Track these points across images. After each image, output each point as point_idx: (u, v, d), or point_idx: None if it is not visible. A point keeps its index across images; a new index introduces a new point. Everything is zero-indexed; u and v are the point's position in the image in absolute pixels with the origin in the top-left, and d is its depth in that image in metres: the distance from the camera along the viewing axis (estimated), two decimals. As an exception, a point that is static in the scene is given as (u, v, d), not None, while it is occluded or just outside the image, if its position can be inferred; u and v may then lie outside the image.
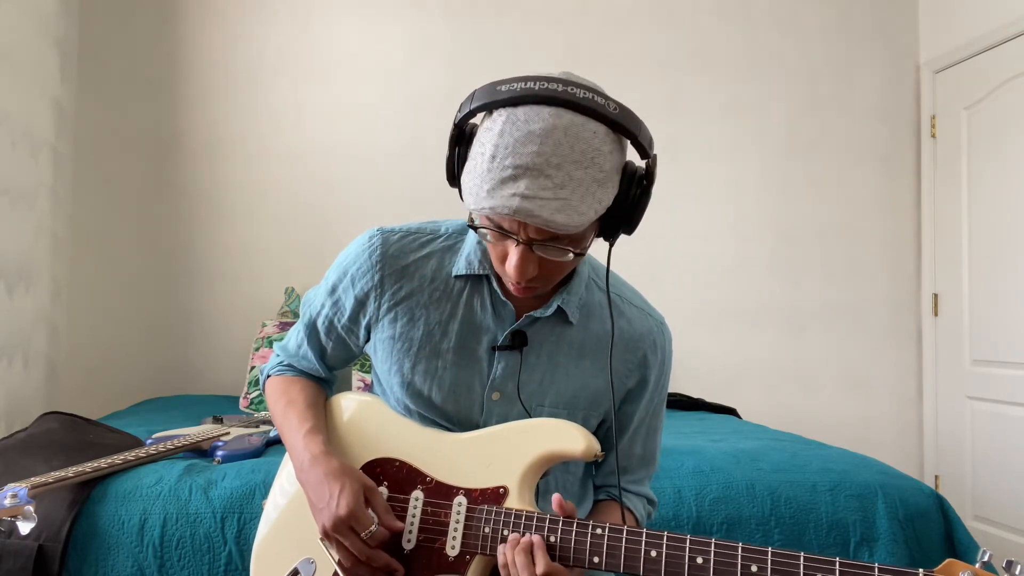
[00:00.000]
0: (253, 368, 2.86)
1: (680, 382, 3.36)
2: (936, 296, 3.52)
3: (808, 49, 3.61)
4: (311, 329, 1.20)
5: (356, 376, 2.80)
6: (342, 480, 1.01)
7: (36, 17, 2.80)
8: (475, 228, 0.96)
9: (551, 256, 0.95)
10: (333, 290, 1.16)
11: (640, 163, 0.98)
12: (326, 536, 1.01)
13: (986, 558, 0.80)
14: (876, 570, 0.81)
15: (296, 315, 3.08)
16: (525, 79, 0.91)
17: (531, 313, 1.08)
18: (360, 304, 1.13)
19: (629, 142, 0.96)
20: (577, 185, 0.89)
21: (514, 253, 0.94)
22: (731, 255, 3.52)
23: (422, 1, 3.42)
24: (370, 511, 1.01)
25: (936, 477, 3.47)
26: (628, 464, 1.19)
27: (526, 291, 1.00)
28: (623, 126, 0.92)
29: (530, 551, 0.94)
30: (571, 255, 0.95)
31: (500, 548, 0.97)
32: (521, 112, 0.89)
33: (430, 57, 3.40)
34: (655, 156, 0.98)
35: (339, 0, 3.38)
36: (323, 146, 3.33)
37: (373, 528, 0.99)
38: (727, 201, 3.53)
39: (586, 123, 0.90)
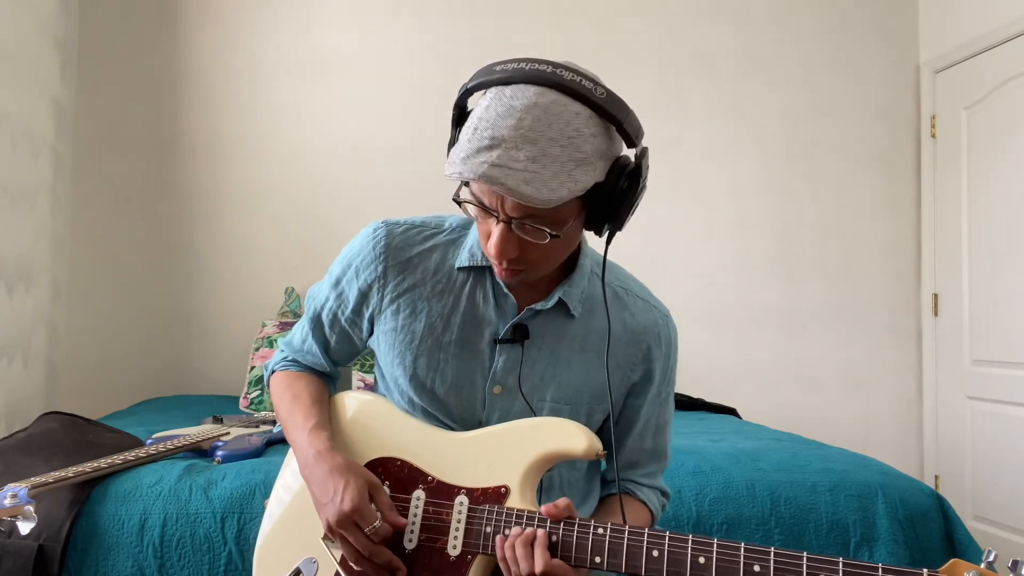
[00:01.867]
0: (253, 368, 2.86)
1: (680, 382, 3.32)
2: (936, 296, 3.52)
3: (808, 49, 3.61)
4: (315, 323, 1.21)
5: (356, 376, 2.80)
6: (346, 476, 1.01)
7: (36, 17, 2.80)
8: (459, 202, 0.98)
9: (530, 237, 0.95)
10: (337, 282, 1.16)
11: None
12: (330, 532, 1.01)
13: (991, 558, 0.80)
14: (880, 570, 0.80)
15: (296, 315, 3.08)
16: (519, 60, 0.94)
17: (532, 306, 1.08)
18: (363, 296, 1.14)
19: (616, 130, 0.96)
20: (551, 161, 0.90)
21: (495, 232, 0.96)
22: (731, 255, 3.52)
23: (421, 1, 3.42)
24: (374, 507, 1.01)
25: (936, 477, 3.47)
26: (639, 459, 1.18)
27: (510, 274, 1.01)
28: (607, 111, 0.93)
29: (530, 543, 0.94)
30: (548, 237, 0.95)
31: (498, 539, 0.97)
32: (509, 90, 0.92)
33: (430, 57, 3.40)
34: (645, 148, 0.98)
35: (339, 0, 3.38)
36: (323, 146, 3.33)
37: (377, 524, 0.99)
38: (727, 201, 3.53)
39: (569, 104, 0.91)
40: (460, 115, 1.00)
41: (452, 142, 1.00)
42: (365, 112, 3.36)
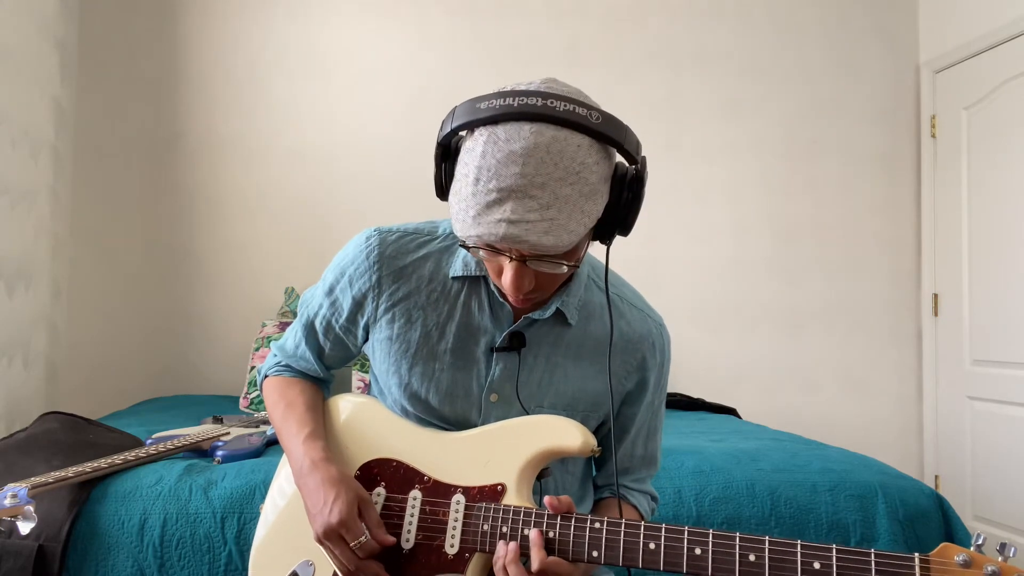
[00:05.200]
0: (253, 368, 2.86)
1: (680, 382, 3.36)
2: (936, 296, 3.52)
3: (808, 49, 3.61)
4: (309, 329, 1.20)
5: (356, 376, 2.80)
6: (337, 488, 1.01)
7: (36, 17, 2.80)
8: (467, 248, 0.95)
9: (545, 269, 0.94)
10: (331, 290, 1.16)
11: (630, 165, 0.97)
12: (318, 543, 1.02)
13: (980, 542, 0.81)
14: (872, 556, 0.82)
15: (296, 315, 3.08)
16: (504, 95, 0.89)
17: (529, 315, 1.08)
18: (358, 305, 1.13)
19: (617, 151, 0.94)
20: (564, 203, 0.87)
21: (508, 269, 0.93)
22: (731, 255, 3.52)
23: (421, 0, 3.42)
24: (363, 523, 1.01)
25: (936, 477, 3.47)
26: (630, 464, 1.19)
27: (525, 302, 1.00)
28: (607, 136, 0.90)
29: (518, 560, 0.94)
30: (565, 268, 0.94)
31: (495, 562, 0.97)
32: (502, 131, 0.87)
33: (430, 55, 3.41)
34: (644, 158, 0.96)
35: (339, 0, 3.38)
36: (323, 145, 3.33)
37: (363, 539, 0.99)
38: (727, 201, 3.53)
39: (569, 137, 0.88)
40: (444, 152, 0.96)
41: (439, 176, 0.97)
42: (365, 112, 3.36)
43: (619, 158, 0.97)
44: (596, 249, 1.14)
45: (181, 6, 3.29)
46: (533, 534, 0.95)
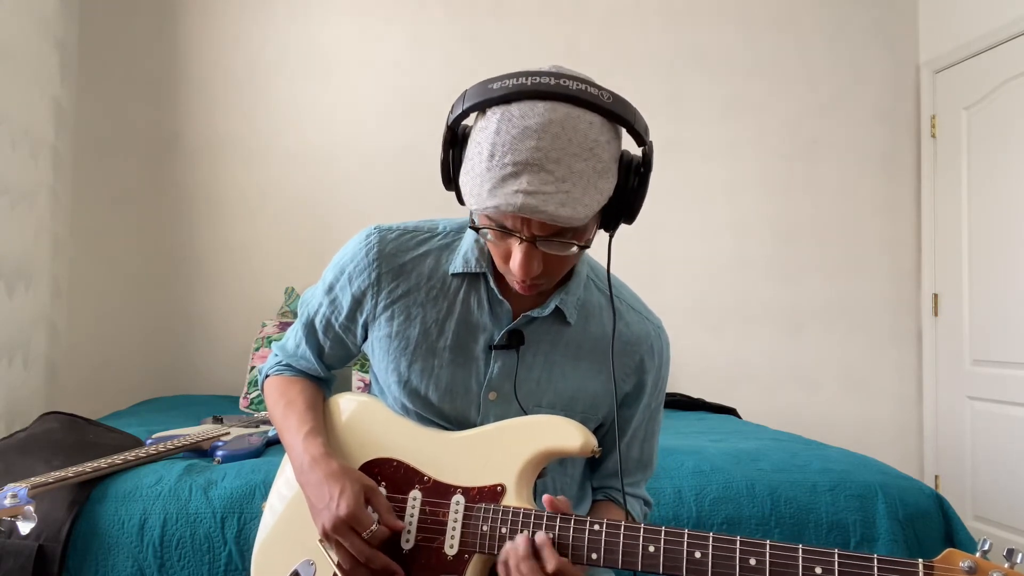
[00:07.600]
0: (253, 368, 2.86)
1: (680, 382, 3.36)
2: (936, 296, 3.52)
3: (808, 49, 3.61)
4: (309, 328, 1.20)
5: (356, 376, 2.80)
6: (342, 481, 1.01)
7: (36, 17, 2.80)
8: (476, 229, 0.96)
9: (555, 251, 0.94)
10: (330, 289, 1.16)
11: (635, 151, 0.98)
12: (326, 537, 1.01)
13: (986, 547, 0.80)
14: (875, 561, 0.81)
15: (296, 315, 3.08)
16: (516, 75, 0.90)
17: (528, 312, 1.07)
18: (357, 302, 1.13)
19: (624, 131, 0.95)
20: (579, 178, 0.88)
21: (518, 251, 0.93)
22: (731, 255, 3.52)
23: (422, 1, 3.42)
24: (371, 511, 1.01)
25: (936, 477, 3.47)
26: (625, 467, 1.18)
27: (531, 288, 0.99)
28: (619, 115, 0.91)
29: (532, 555, 0.93)
30: (575, 248, 0.94)
31: (500, 559, 0.96)
32: (515, 109, 0.89)
33: (430, 56, 3.41)
34: (651, 143, 0.97)
35: (339, 0, 3.38)
36: (323, 146, 3.33)
37: (374, 528, 0.99)
38: (727, 201, 3.53)
39: (582, 115, 0.89)
40: (453, 136, 0.96)
41: (447, 162, 0.98)
42: (365, 112, 3.36)
43: (625, 145, 0.98)
44: (596, 251, 1.14)
45: (181, 6, 3.29)
46: (541, 536, 0.94)
